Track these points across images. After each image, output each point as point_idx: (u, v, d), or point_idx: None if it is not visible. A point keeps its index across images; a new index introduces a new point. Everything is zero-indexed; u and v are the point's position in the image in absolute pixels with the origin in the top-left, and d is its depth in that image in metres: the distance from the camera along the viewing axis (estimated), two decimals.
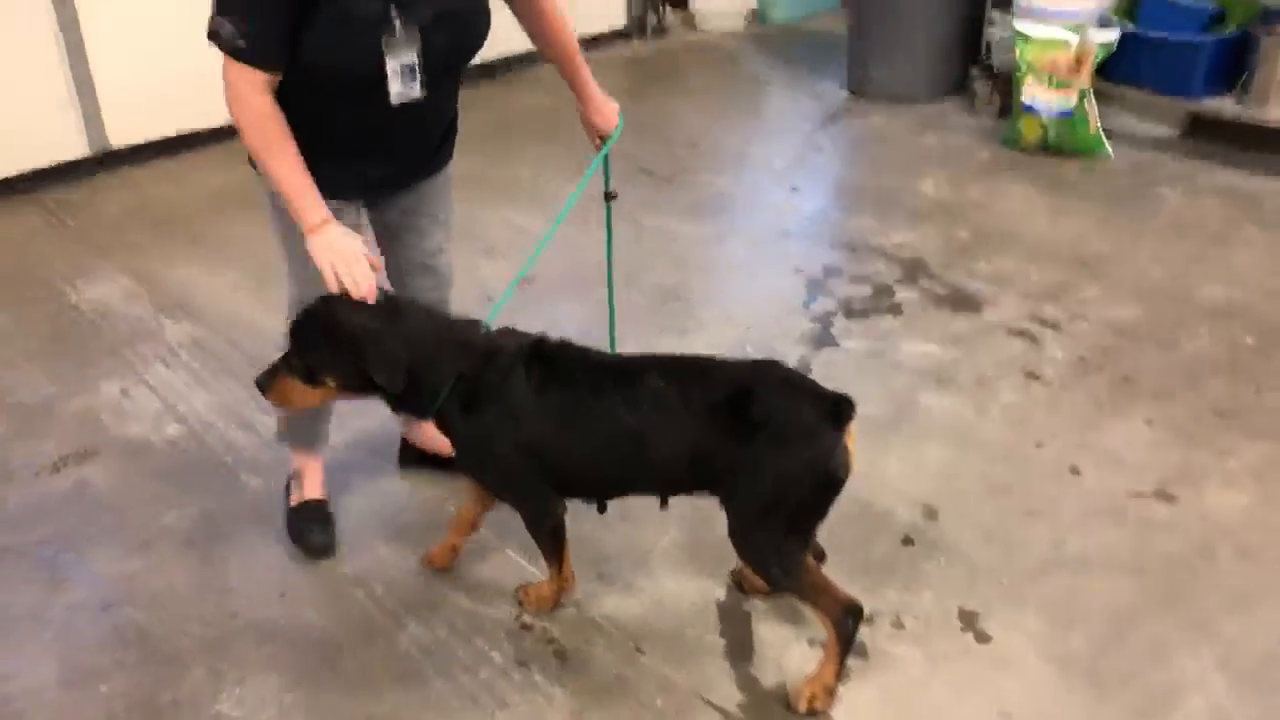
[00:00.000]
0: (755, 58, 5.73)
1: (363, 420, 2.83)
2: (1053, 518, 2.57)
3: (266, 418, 2.89)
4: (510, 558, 2.49)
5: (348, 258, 2.04)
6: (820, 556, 2.29)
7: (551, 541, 2.25)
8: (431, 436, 2.67)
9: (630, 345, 2.60)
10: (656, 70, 5.63)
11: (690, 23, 6.17)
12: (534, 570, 2.43)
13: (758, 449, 1.97)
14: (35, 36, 4.15)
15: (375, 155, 2.27)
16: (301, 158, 2.07)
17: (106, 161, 4.41)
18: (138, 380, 3.15)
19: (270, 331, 3.14)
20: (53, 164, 4.33)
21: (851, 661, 2.17)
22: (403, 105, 2.14)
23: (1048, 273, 3.59)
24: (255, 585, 2.44)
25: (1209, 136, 4.41)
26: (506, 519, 2.61)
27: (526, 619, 2.33)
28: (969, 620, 2.31)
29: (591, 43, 5.83)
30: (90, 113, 4.34)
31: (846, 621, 2.07)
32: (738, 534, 2.05)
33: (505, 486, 2.21)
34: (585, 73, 2.46)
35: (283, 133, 2.06)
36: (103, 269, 3.73)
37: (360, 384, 2.05)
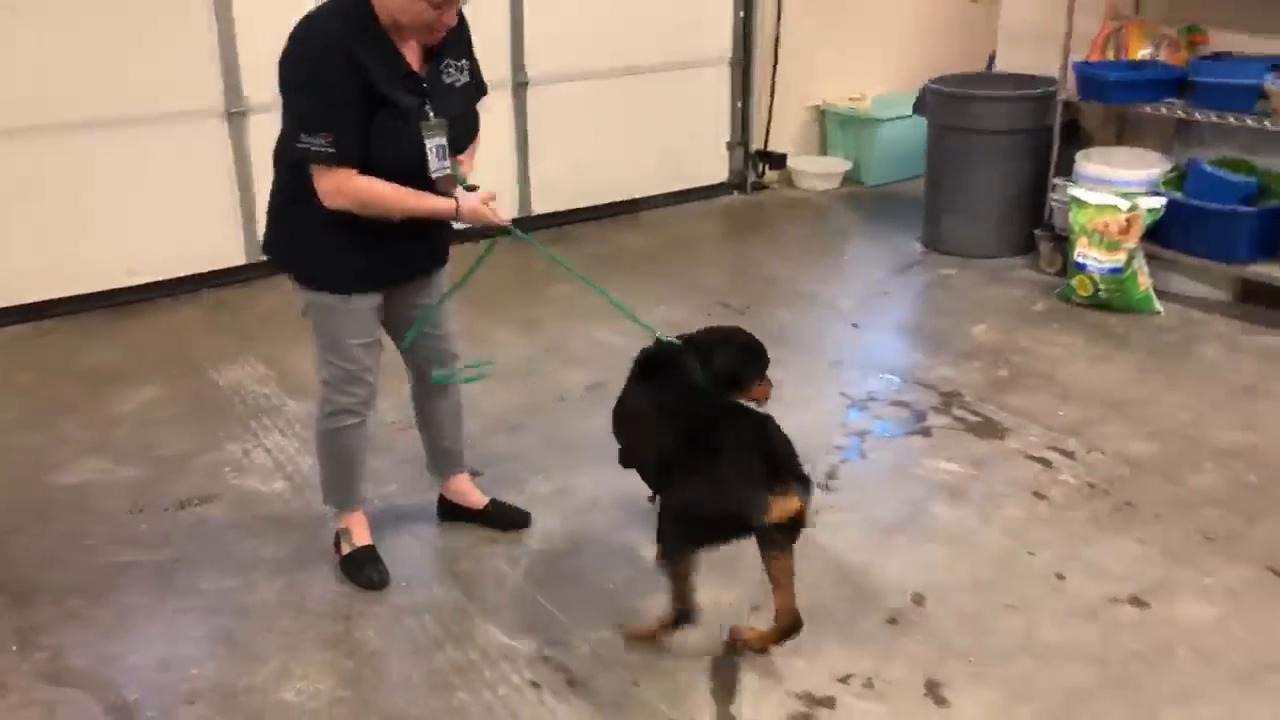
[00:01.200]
0: (843, 213, 6.23)
1: (425, 489, 3.29)
2: (1029, 613, 2.84)
3: None
4: (542, 605, 2.88)
5: (479, 207, 2.68)
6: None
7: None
8: (460, 493, 3.18)
9: None
10: (750, 219, 6.17)
11: (789, 181, 6.73)
12: (561, 616, 2.82)
13: (704, 468, 2.47)
14: (212, 161, 4.94)
15: (407, 240, 2.73)
16: (410, 190, 2.59)
17: (259, 268, 5.10)
18: (257, 444, 3.70)
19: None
20: (215, 269, 5.07)
21: (820, 711, 2.51)
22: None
23: (1075, 411, 3.88)
24: (328, 607, 2.89)
25: (1261, 301, 4.67)
26: (540, 566, 3.03)
27: (546, 651, 2.71)
28: (932, 688, 2.59)
29: (696, 193, 6.44)
30: (250, 227, 5.07)
31: (678, 618, 2.58)
32: (660, 510, 2.60)
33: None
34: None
35: (388, 186, 2.56)
36: (243, 355, 4.36)
37: None
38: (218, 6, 4.78)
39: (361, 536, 3.03)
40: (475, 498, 3.22)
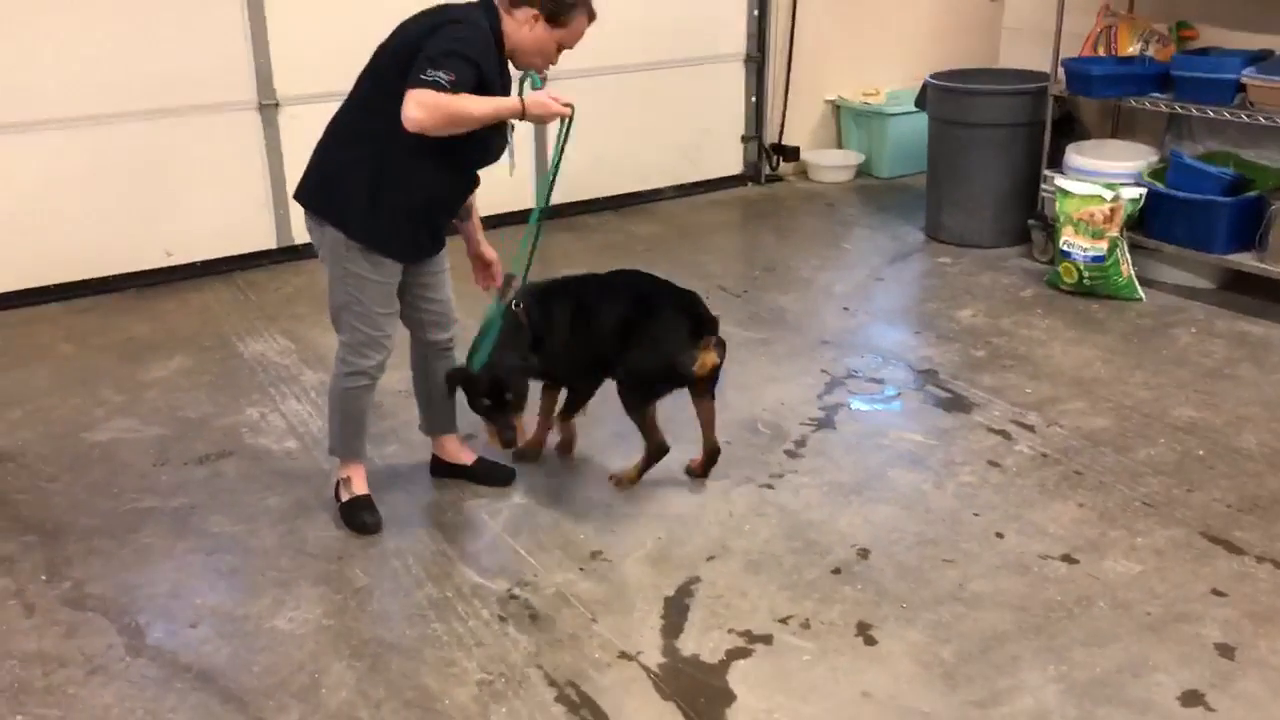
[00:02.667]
0: (853, 204, 6.43)
1: (422, 451, 3.57)
2: (965, 566, 3.06)
3: None
4: (517, 551, 3.15)
5: (545, 100, 2.96)
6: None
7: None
8: (451, 452, 3.45)
9: (663, 415, 3.41)
10: (760, 210, 6.40)
11: (803, 173, 6.95)
12: (532, 561, 3.10)
13: (643, 336, 3.23)
14: (245, 151, 5.28)
15: (447, 216, 3.16)
16: (482, 97, 2.85)
17: (289, 253, 5.45)
18: (274, 409, 4.02)
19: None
20: (247, 252, 5.41)
21: (757, 646, 2.76)
22: (472, 177, 3.08)
23: (1042, 389, 4.07)
24: (322, 549, 3.18)
25: (1242, 289, 4.82)
26: (519, 518, 3.30)
27: (515, 590, 2.98)
28: (863, 629, 2.82)
29: (710, 184, 6.69)
30: (281, 214, 5.41)
31: (655, 452, 3.36)
32: (619, 384, 3.33)
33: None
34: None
35: (469, 96, 2.79)
36: (268, 330, 4.69)
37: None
38: (251, 6, 5.11)
39: (360, 486, 3.32)
40: (465, 455, 3.50)
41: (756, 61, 6.62)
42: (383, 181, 2.96)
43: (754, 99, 6.71)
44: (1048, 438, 3.73)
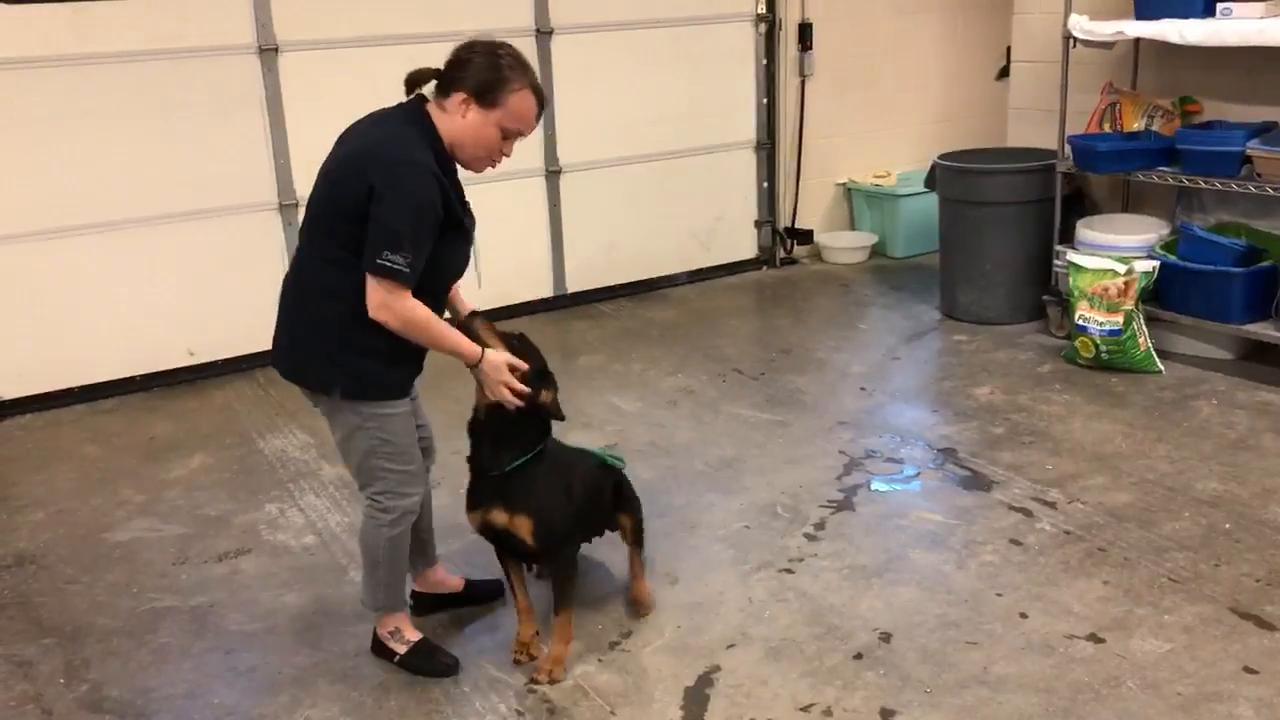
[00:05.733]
0: (867, 285, 6.46)
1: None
2: (989, 648, 3.01)
3: None
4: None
5: (504, 370, 2.77)
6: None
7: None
8: (439, 581, 3.31)
9: (681, 499, 3.36)
10: (776, 293, 6.44)
11: (818, 255, 7.00)
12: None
13: None
14: (265, 250, 5.38)
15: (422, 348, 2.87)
16: (445, 325, 2.75)
17: None
18: (293, 504, 4.03)
19: None
20: (268, 349, 5.45)
21: None
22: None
23: (1063, 465, 4.04)
24: (338, 646, 3.17)
25: (1261, 359, 4.79)
26: (536, 609, 3.27)
27: (533, 685, 2.94)
28: (887, 715, 2.76)
29: (725, 269, 6.75)
30: None
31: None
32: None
33: None
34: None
35: (435, 318, 2.72)
36: (287, 426, 4.73)
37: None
38: (270, 111, 5.25)
39: (412, 632, 3.06)
40: (453, 581, 3.32)
41: (767, 148, 6.73)
42: (368, 335, 2.73)
43: (766, 184, 6.80)
44: (1070, 514, 3.69)
